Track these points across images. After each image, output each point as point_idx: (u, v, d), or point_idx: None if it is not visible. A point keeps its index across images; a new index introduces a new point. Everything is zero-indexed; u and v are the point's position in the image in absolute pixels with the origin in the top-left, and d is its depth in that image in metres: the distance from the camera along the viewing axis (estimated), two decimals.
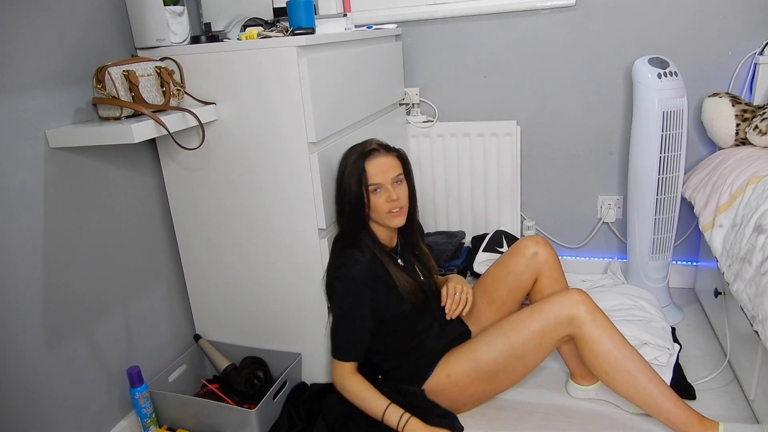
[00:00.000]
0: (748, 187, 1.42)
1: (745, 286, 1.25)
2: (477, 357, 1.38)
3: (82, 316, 1.37)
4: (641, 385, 1.28)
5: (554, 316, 1.31)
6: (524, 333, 1.33)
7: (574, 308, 1.31)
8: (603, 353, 1.30)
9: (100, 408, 1.43)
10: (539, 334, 1.32)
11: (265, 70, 1.36)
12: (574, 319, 1.30)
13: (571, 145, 2.07)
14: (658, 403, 1.28)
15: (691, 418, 1.26)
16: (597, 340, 1.30)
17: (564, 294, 1.34)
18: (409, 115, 2.17)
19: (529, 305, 1.43)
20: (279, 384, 1.50)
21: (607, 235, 2.15)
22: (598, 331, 1.30)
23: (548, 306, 1.33)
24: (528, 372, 1.38)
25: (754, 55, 1.78)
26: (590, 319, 1.30)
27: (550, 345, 1.34)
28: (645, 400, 1.29)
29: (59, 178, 1.30)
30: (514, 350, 1.34)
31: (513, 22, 1.98)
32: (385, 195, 1.38)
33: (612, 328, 1.32)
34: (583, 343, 1.32)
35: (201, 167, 1.52)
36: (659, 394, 1.28)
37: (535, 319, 1.33)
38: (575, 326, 1.31)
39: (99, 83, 1.27)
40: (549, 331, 1.32)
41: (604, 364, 1.31)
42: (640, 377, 1.28)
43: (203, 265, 1.63)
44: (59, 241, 1.30)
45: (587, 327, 1.30)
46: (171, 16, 1.44)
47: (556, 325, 1.31)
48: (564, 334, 1.32)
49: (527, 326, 1.33)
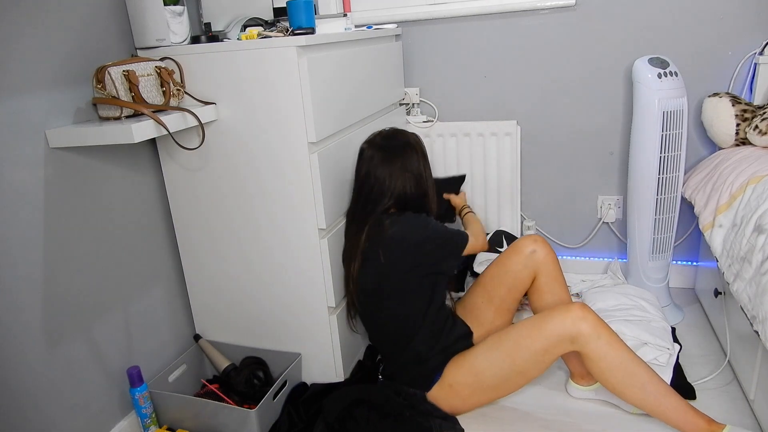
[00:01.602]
0: (748, 187, 1.42)
1: (745, 286, 1.25)
2: (479, 371, 1.38)
3: (82, 316, 1.37)
4: (651, 396, 1.29)
5: (557, 335, 1.30)
6: (526, 353, 1.32)
7: (576, 326, 1.29)
8: (610, 369, 1.29)
9: (101, 408, 1.43)
10: (541, 352, 1.31)
11: (265, 70, 1.36)
12: (577, 338, 1.29)
13: (571, 145, 2.07)
14: (668, 412, 1.29)
15: (699, 423, 1.27)
16: (604, 357, 1.29)
17: (566, 310, 1.31)
18: (409, 115, 2.17)
19: (527, 305, 1.43)
20: (279, 384, 1.50)
21: (607, 235, 2.15)
22: (604, 348, 1.29)
23: (550, 324, 1.31)
24: (528, 382, 1.38)
25: (754, 55, 1.78)
26: (595, 337, 1.28)
27: (552, 360, 1.33)
28: (655, 410, 1.30)
29: (59, 178, 1.30)
30: (516, 366, 1.34)
31: (513, 22, 1.98)
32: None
33: (617, 342, 1.30)
34: (590, 361, 1.31)
35: (201, 167, 1.52)
36: (668, 403, 1.29)
37: (537, 339, 1.31)
38: (579, 344, 1.29)
39: (99, 83, 1.27)
40: (551, 349, 1.31)
41: (612, 379, 1.30)
42: (650, 388, 1.29)
43: (203, 265, 1.63)
44: (59, 241, 1.30)
45: (591, 345, 1.28)
46: (171, 16, 1.44)
47: (558, 343, 1.30)
48: (567, 351, 1.31)
49: (529, 346, 1.32)
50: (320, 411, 1.46)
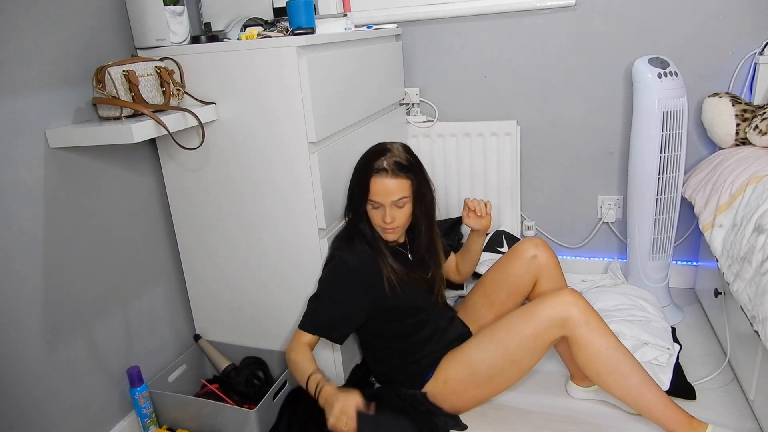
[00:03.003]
0: (748, 187, 1.42)
1: (745, 286, 1.25)
2: (472, 363, 1.38)
3: (82, 316, 1.37)
4: (633, 388, 1.28)
5: (547, 319, 1.30)
6: (518, 338, 1.32)
7: (566, 310, 1.29)
8: (596, 356, 1.29)
9: (101, 408, 1.43)
10: (533, 338, 1.31)
11: (265, 70, 1.36)
12: (567, 322, 1.29)
13: (571, 144, 2.07)
14: (649, 405, 1.28)
15: (680, 419, 1.26)
16: (590, 342, 1.29)
17: (556, 295, 1.32)
18: (409, 115, 2.17)
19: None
20: (279, 384, 1.50)
21: (607, 235, 2.15)
22: (591, 334, 1.29)
23: (540, 309, 1.32)
24: (523, 374, 1.37)
25: (754, 55, 1.78)
26: (583, 322, 1.29)
27: (544, 347, 1.33)
28: (636, 401, 1.29)
29: (59, 178, 1.30)
30: (509, 355, 1.33)
31: (513, 22, 1.98)
32: (381, 214, 1.37)
33: (605, 330, 1.31)
34: (576, 346, 1.31)
35: (201, 167, 1.52)
36: (650, 396, 1.28)
37: (527, 324, 1.32)
38: (568, 328, 1.30)
39: (99, 83, 1.27)
40: (542, 334, 1.31)
41: (596, 366, 1.30)
42: (632, 379, 1.28)
43: (203, 265, 1.63)
44: (59, 241, 1.30)
45: (580, 330, 1.29)
46: (171, 16, 1.44)
47: (548, 327, 1.30)
48: (557, 336, 1.31)
49: (520, 331, 1.32)
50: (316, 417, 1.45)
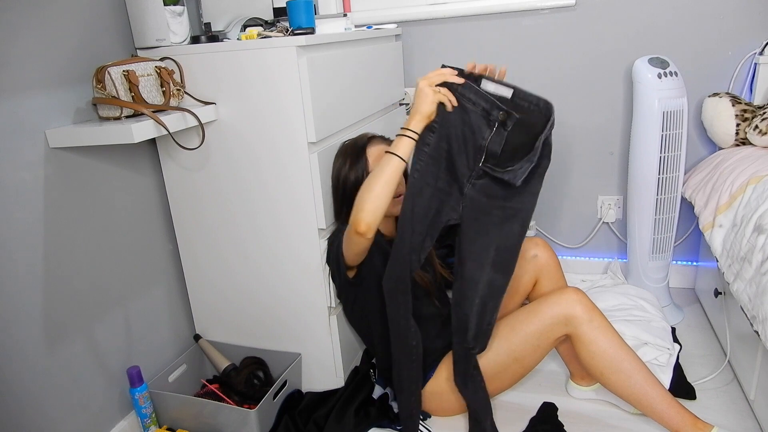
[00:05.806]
0: (748, 187, 1.42)
1: (745, 286, 1.25)
2: None
3: (82, 316, 1.37)
4: (637, 386, 1.28)
5: (551, 317, 1.31)
6: (521, 335, 1.32)
7: (570, 308, 1.30)
8: (599, 354, 1.29)
9: (100, 408, 1.43)
10: (536, 335, 1.32)
11: (265, 70, 1.36)
12: (571, 319, 1.29)
13: (571, 145, 2.07)
14: (653, 404, 1.28)
15: (685, 419, 1.25)
16: (594, 340, 1.29)
17: (560, 293, 1.33)
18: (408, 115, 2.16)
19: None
20: (279, 384, 1.50)
21: (607, 235, 2.15)
22: (595, 332, 1.29)
23: (544, 306, 1.32)
24: (527, 373, 1.38)
25: (754, 55, 1.78)
26: (587, 319, 1.29)
27: (548, 345, 1.34)
28: (640, 400, 1.29)
29: (59, 178, 1.30)
30: (513, 352, 1.34)
31: (513, 22, 1.98)
32: None
33: (609, 328, 1.31)
34: (580, 343, 1.31)
35: (201, 167, 1.52)
36: (654, 395, 1.27)
37: (531, 321, 1.32)
38: (572, 326, 1.30)
39: (99, 83, 1.27)
40: (546, 332, 1.31)
41: (600, 364, 1.30)
42: (636, 378, 1.28)
43: (203, 264, 1.63)
44: (59, 241, 1.30)
45: (584, 327, 1.29)
46: (171, 16, 1.44)
47: (553, 325, 1.31)
48: (561, 334, 1.32)
49: (524, 329, 1.33)
50: (315, 421, 1.46)
